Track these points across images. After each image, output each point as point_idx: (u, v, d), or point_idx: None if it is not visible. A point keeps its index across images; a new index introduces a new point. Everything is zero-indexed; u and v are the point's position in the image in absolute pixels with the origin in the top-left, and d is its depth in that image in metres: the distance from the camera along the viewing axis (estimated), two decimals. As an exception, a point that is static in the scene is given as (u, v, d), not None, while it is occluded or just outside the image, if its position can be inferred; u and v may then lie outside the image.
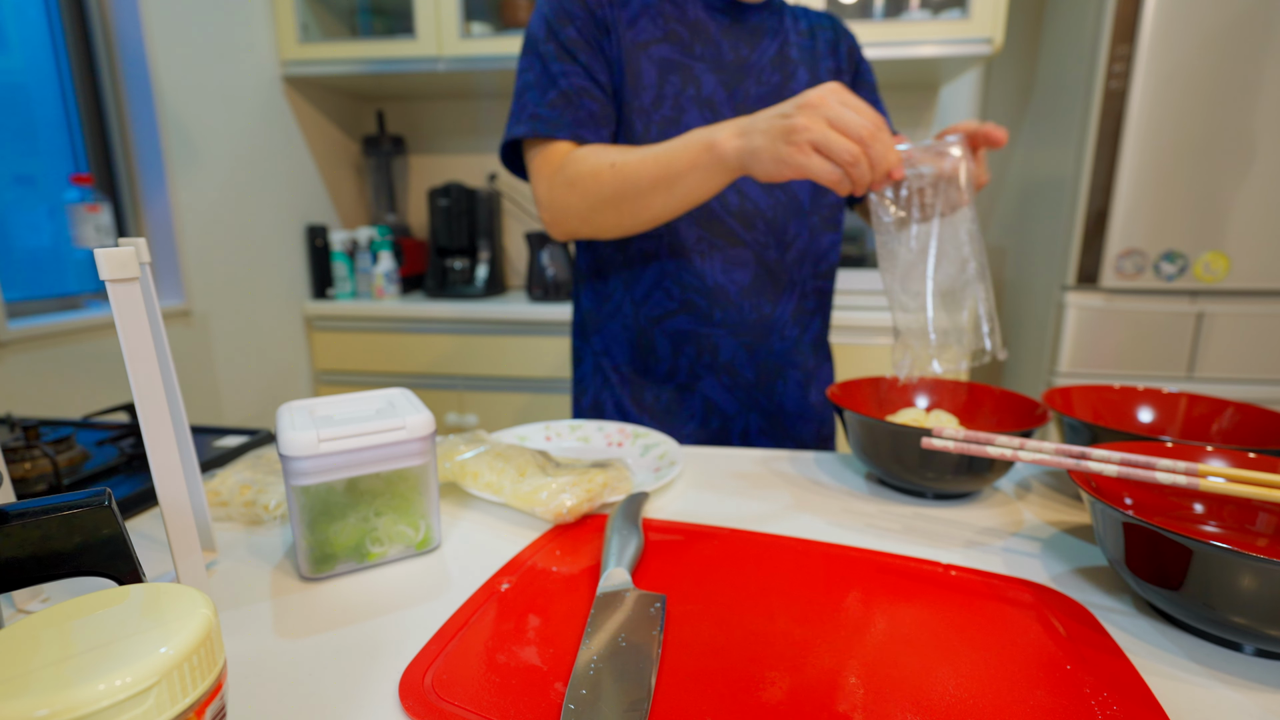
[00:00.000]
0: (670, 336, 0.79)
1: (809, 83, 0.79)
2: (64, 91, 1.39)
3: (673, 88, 0.75)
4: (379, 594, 0.40)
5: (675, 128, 0.75)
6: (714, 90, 0.76)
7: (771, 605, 0.37)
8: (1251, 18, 1.35)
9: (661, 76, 0.75)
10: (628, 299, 0.80)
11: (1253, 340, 1.49)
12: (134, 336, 0.34)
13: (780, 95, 0.77)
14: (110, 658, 0.20)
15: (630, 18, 0.75)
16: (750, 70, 0.77)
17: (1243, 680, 0.33)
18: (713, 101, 0.76)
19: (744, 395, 0.81)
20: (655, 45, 0.75)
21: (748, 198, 0.77)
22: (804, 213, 0.79)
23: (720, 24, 0.76)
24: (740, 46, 0.77)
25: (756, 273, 0.78)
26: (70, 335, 1.26)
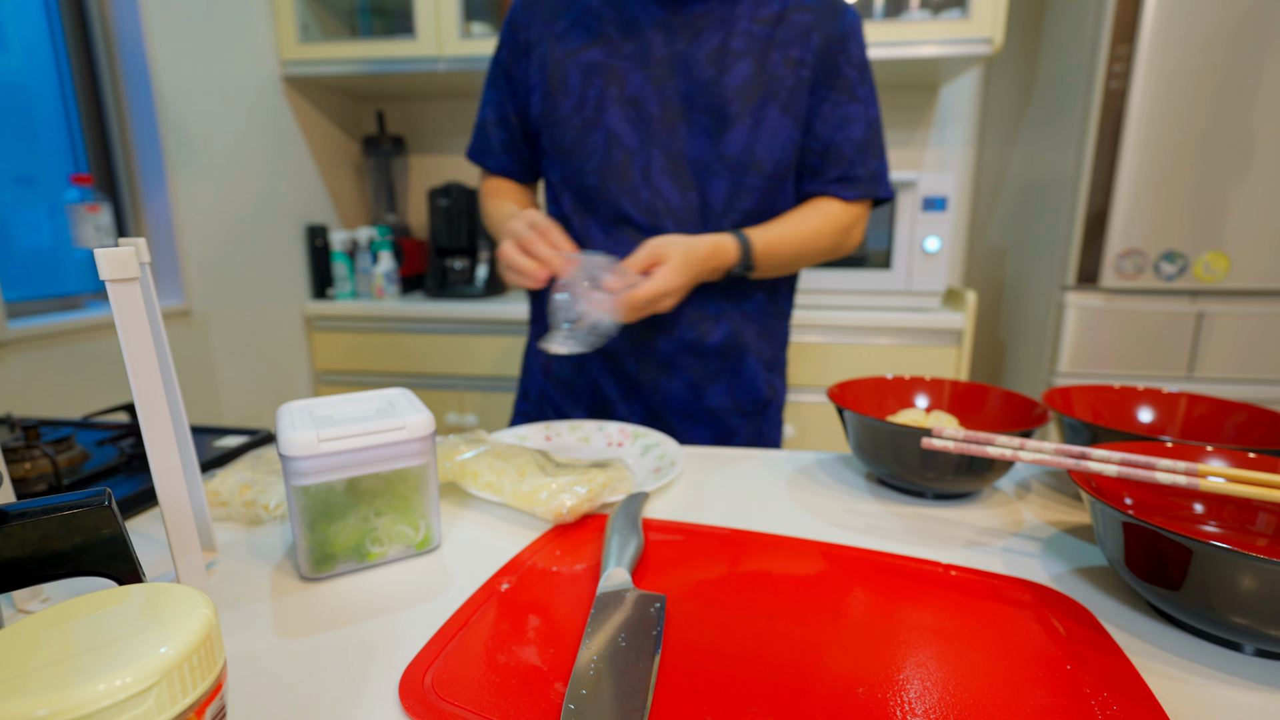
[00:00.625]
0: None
1: (750, 75, 0.74)
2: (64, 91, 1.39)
3: (595, 90, 0.75)
4: (379, 594, 0.40)
5: (596, 129, 0.76)
6: (639, 88, 0.75)
7: (771, 605, 0.37)
8: (1251, 18, 1.35)
9: (585, 80, 0.76)
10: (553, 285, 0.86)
11: (1253, 340, 1.49)
12: (134, 336, 0.34)
13: (711, 91, 0.74)
14: (110, 658, 0.20)
15: (564, 29, 0.77)
16: (683, 65, 0.75)
17: (1243, 680, 0.33)
18: (637, 99, 0.75)
19: (626, 385, 0.83)
20: (585, 51, 0.76)
21: (660, 195, 0.76)
22: (714, 216, 0.77)
23: (655, 18, 0.75)
24: (676, 40, 0.75)
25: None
26: (70, 335, 1.26)
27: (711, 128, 0.75)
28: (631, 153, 0.75)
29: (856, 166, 0.78)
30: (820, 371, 1.58)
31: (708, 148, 0.75)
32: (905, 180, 1.54)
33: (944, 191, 1.54)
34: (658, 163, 0.75)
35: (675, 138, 0.75)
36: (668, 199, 0.76)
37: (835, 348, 1.57)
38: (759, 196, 0.78)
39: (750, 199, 0.78)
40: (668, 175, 0.76)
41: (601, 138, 0.76)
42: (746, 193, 0.77)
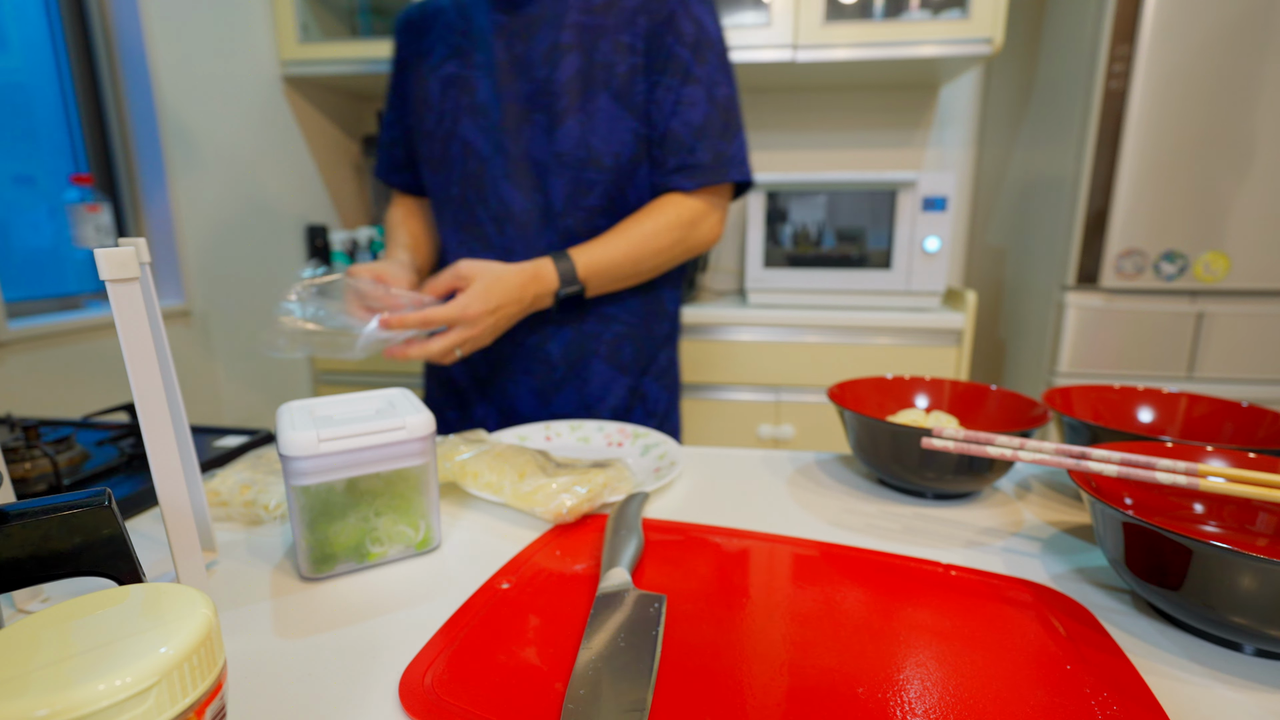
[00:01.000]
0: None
1: (579, 69, 0.72)
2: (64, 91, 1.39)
3: (451, 102, 0.77)
4: (379, 594, 0.40)
5: (454, 140, 0.77)
6: (487, 96, 0.75)
7: (771, 605, 0.37)
8: (1251, 18, 1.35)
9: (443, 93, 0.77)
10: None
11: (1253, 340, 1.49)
12: (134, 336, 0.34)
13: (546, 91, 0.73)
14: (110, 658, 0.20)
15: (428, 46, 0.79)
16: (521, 68, 0.74)
17: (1243, 680, 0.33)
18: (485, 107, 0.76)
19: (479, 389, 0.85)
20: (444, 65, 0.78)
21: (503, 201, 0.77)
22: (556, 215, 0.76)
23: (497, 23, 0.74)
24: (514, 43, 0.74)
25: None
26: (70, 335, 1.26)
27: (547, 125, 0.74)
28: (484, 161, 0.76)
29: (697, 153, 0.74)
30: (820, 371, 1.58)
31: (544, 145, 0.75)
32: (905, 180, 1.55)
33: (944, 191, 1.54)
34: (502, 168, 0.76)
35: (519, 141, 0.75)
36: (510, 204, 0.76)
37: (835, 348, 1.57)
38: (602, 192, 0.75)
39: (593, 195, 0.75)
40: (511, 180, 0.76)
41: (459, 149, 0.77)
42: (587, 189, 0.75)
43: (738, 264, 2.05)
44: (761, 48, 1.59)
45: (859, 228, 1.60)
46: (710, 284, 2.08)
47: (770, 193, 1.61)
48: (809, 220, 1.62)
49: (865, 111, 1.93)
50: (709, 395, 1.63)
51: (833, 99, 1.93)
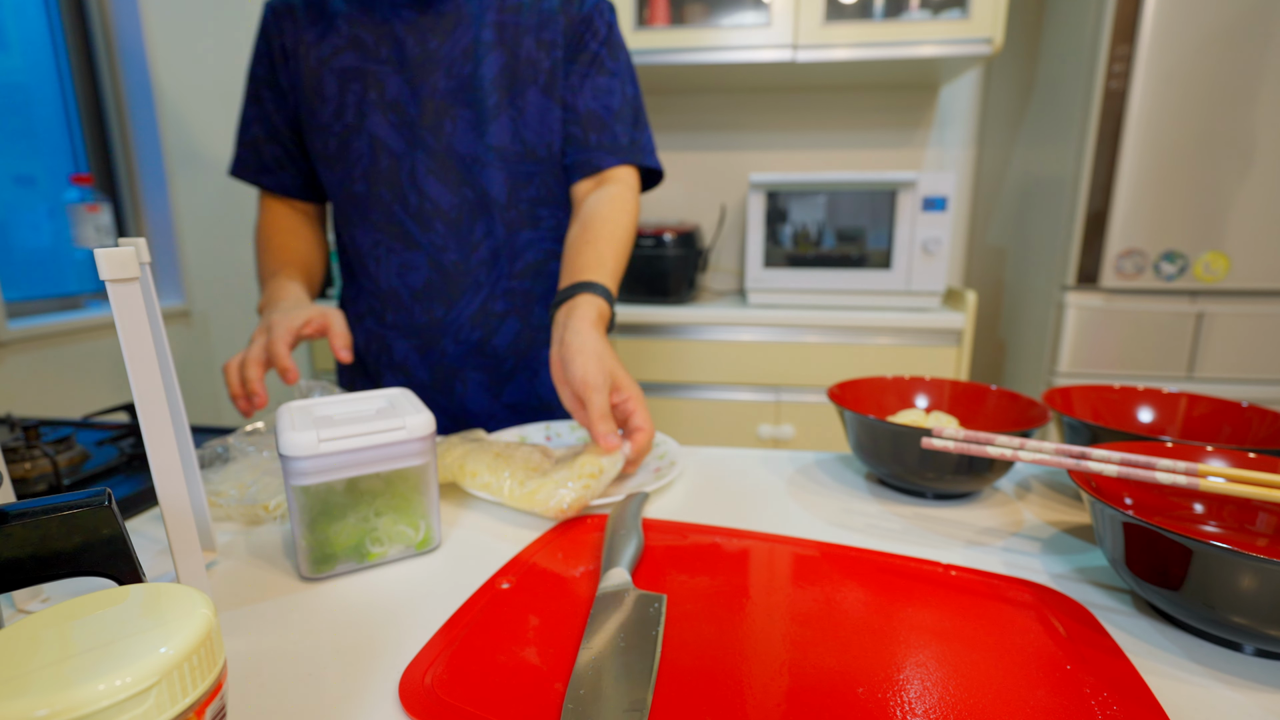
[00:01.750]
0: (364, 334, 0.82)
1: (504, 66, 0.74)
2: (64, 91, 1.39)
3: (354, 95, 0.74)
4: (379, 594, 0.40)
5: (359, 135, 0.75)
6: (399, 91, 0.74)
7: (771, 605, 0.37)
8: (1251, 18, 1.35)
9: (343, 86, 0.74)
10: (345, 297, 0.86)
11: (1253, 340, 1.49)
12: (134, 336, 0.34)
13: (470, 87, 0.74)
14: (110, 658, 0.20)
15: (318, 35, 0.75)
16: (439, 63, 0.74)
17: (1243, 680, 0.33)
18: (398, 103, 0.74)
19: (422, 394, 0.82)
20: (339, 56, 0.74)
21: (428, 197, 0.75)
22: (498, 208, 0.76)
23: (406, 20, 0.74)
24: (428, 39, 0.74)
25: (430, 277, 0.77)
26: (70, 335, 1.26)
27: (475, 120, 0.74)
28: (398, 157, 0.75)
29: (616, 134, 0.77)
30: (820, 371, 1.58)
31: (474, 140, 0.75)
32: (905, 180, 1.55)
33: (944, 191, 1.54)
34: (423, 164, 0.75)
35: (440, 136, 0.74)
36: (436, 200, 0.76)
37: (835, 348, 1.57)
38: (540, 182, 0.78)
39: (532, 186, 0.78)
40: (434, 175, 0.75)
41: (365, 144, 0.75)
42: (526, 181, 0.77)
43: (738, 264, 2.05)
44: (761, 48, 1.59)
45: (859, 228, 1.60)
46: (710, 284, 2.08)
47: (770, 193, 1.61)
48: (809, 220, 1.62)
49: (865, 111, 1.93)
50: (709, 395, 1.63)
51: (833, 99, 1.93)
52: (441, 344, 0.79)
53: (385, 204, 0.76)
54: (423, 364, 0.81)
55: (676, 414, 1.64)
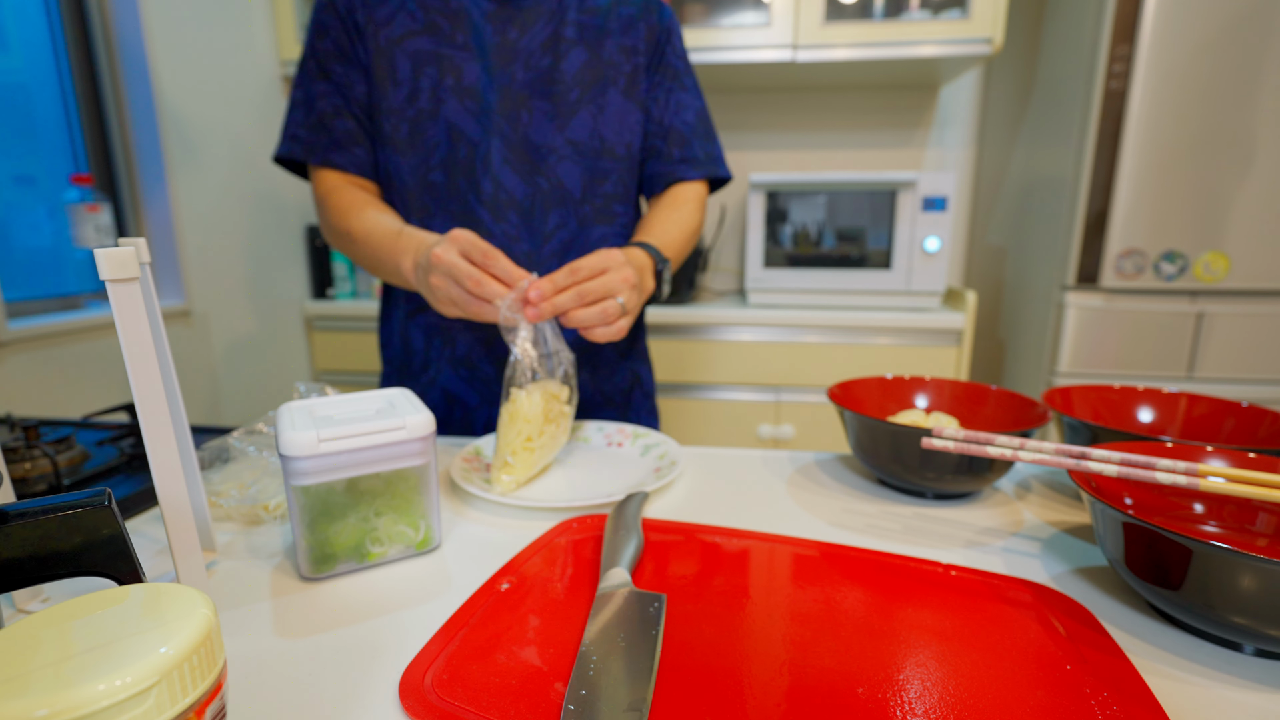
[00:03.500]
0: (423, 330, 0.80)
1: (586, 62, 0.75)
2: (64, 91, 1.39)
3: (429, 80, 0.73)
4: (379, 594, 0.40)
5: (434, 121, 0.73)
6: (476, 78, 0.73)
7: (771, 605, 0.37)
8: (1251, 18, 1.35)
9: (416, 70, 0.73)
10: (399, 294, 0.82)
11: (1253, 340, 1.49)
12: (134, 336, 0.34)
13: (550, 79, 0.74)
14: (110, 658, 0.20)
15: (387, 15, 0.73)
16: (518, 54, 0.74)
17: (1243, 680, 0.33)
18: (475, 90, 0.73)
19: (483, 389, 0.80)
20: (412, 39, 0.73)
21: (502, 187, 0.75)
22: (572, 201, 0.77)
23: (484, 8, 0.74)
24: (507, 29, 0.74)
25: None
26: (70, 335, 1.26)
27: (553, 113, 0.75)
28: (474, 145, 0.74)
29: (695, 148, 0.81)
30: (820, 371, 1.58)
31: (551, 132, 0.75)
32: (905, 180, 1.55)
33: (944, 191, 1.54)
34: (499, 153, 0.74)
35: (516, 126, 0.75)
36: (510, 190, 0.75)
37: (835, 348, 1.58)
38: (617, 179, 0.79)
39: (609, 183, 0.79)
40: (509, 165, 0.75)
41: (442, 131, 0.74)
42: (603, 177, 0.78)
43: (738, 264, 2.05)
44: (761, 48, 1.59)
45: (859, 228, 1.60)
46: (710, 284, 2.08)
47: (770, 193, 1.61)
48: (809, 220, 1.62)
49: (865, 111, 1.93)
50: (709, 395, 1.63)
51: (833, 99, 1.93)
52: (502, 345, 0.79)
53: (460, 193, 0.76)
54: (488, 357, 0.79)
55: (677, 414, 1.64)
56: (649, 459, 0.62)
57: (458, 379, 0.80)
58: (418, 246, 0.64)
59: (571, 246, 0.78)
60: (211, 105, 1.55)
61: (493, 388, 0.80)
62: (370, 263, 0.72)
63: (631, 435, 0.66)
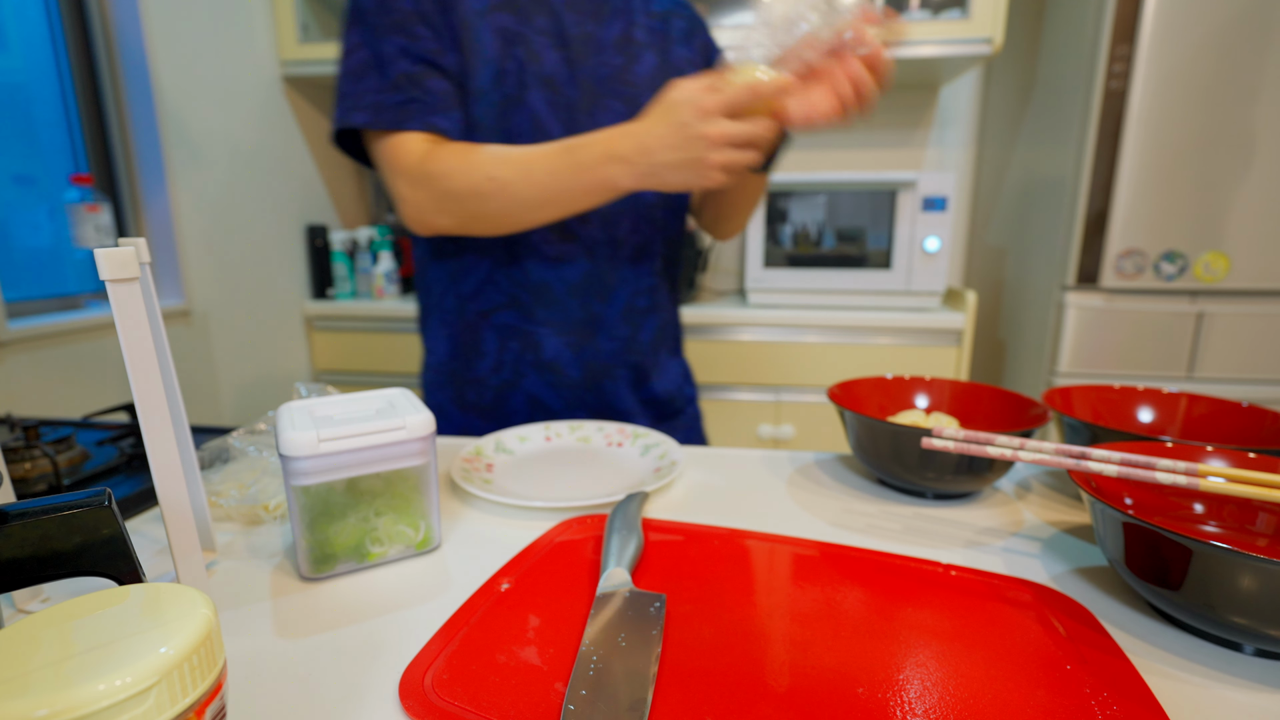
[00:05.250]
0: (497, 331, 0.76)
1: (657, 67, 0.74)
2: (64, 91, 1.39)
3: (515, 62, 0.68)
4: (379, 594, 0.40)
5: (519, 109, 0.69)
6: (556, 68, 0.70)
7: (771, 605, 0.37)
8: (1251, 18, 1.35)
9: (504, 49, 0.68)
10: (452, 293, 0.77)
11: (1253, 340, 1.49)
12: (134, 336, 0.34)
13: (623, 79, 0.73)
14: (110, 658, 0.20)
15: None
16: (595, 49, 0.71)
17: (1243, 680, 0.33)
18: (555, 81, 0.70)
19: (570, 394, 0.78)
20: (495, 13, 0.68)
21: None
22: (644, 205, 0.76)
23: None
24: (585, 21, 0.71)
25: (587, 270, 0.75)
26: (70, 335, 1.26)
27: (625, 114, 0.73)
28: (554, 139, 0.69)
29: None
30: (820, 371, 1.58)
31: None
32: (905, 180, 1.55)
33: (944, 191, 1.54)
34: None
35: (590, 122, 0.72)
36: None
37: (835, 348, 1.58)
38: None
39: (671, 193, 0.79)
40: None
41: (526, 121, 0.69)
42: None
43: (738, 264, 2.05)
44: (761, 48, 1.59)
45: (859, 228, 1.60)
46: (710, 284, 2.08)
47: (770, 192, 1.61)
48: (809, 220, 1.62)
49: (865, 111, 1.93)
50: (709, 395, 1.63)
51: (833, 99, 1.93)
52: (595, 341, 0.77)
53: None
54: (575, 362, 0.76)
55: (676, 414, 1.64)
56: (649, 459, 0.62)
57: (543, 384, 0.77)
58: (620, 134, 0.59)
59: (644, 250, 0.78)
60: (211, 105, 1.55)
61: (577, 392, 0.78)
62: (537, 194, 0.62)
63: (631, 435, 0.66)
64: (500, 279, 0.75)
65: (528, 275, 0.74)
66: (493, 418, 0.78)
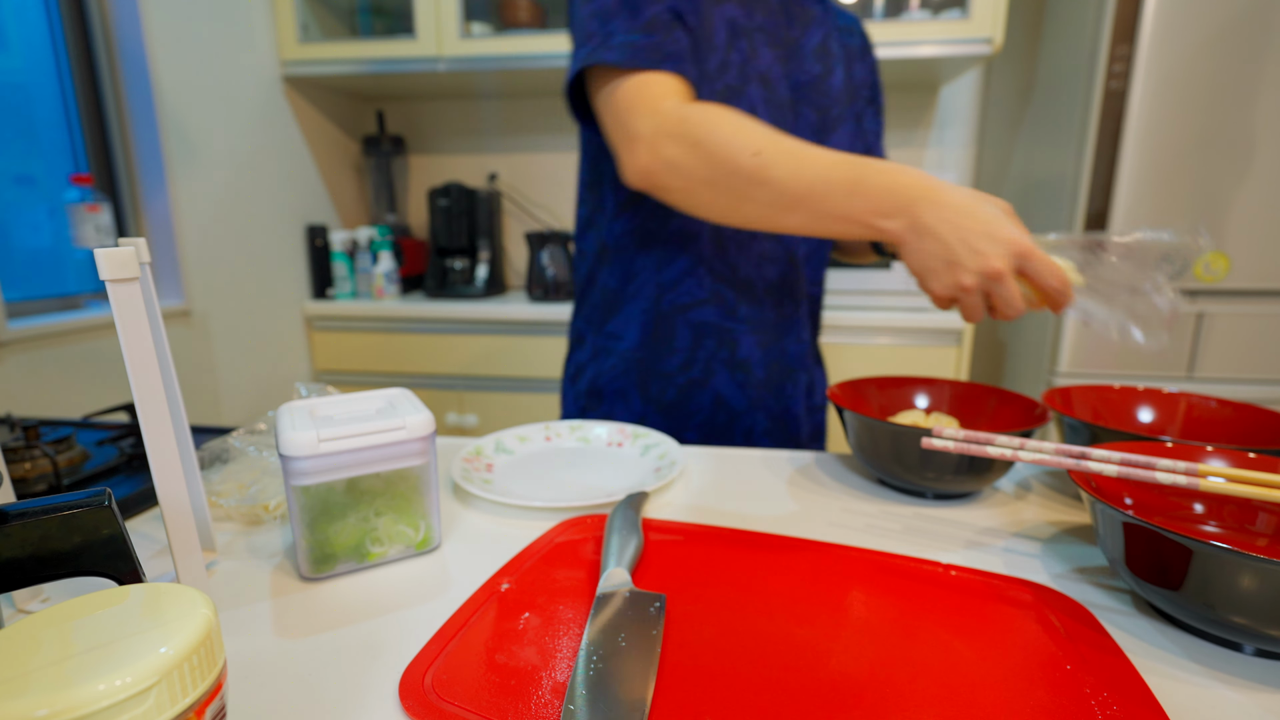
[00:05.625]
0: (693, 328, 0.74)
1: (844, 81, 0.75)
2: (64, 91, 1.39)
3: (739, 55, 0.67)
4: (379, 594, 0.40)
5: (740, 100, 0.67)
6: (770, 66, 0.69)
7: (771, 605, 0.37)
8: (1251, 18, 1.35)
9: (730, 40, 0.67)
10: (653, 281, 0.74)
11: (1253, 340, 1.49)
12: (134, 336, 0.34)
13: (819, 88, 0.73)
14: (110, 658, 0.20)
15: None
16: (799, 53, 0.71)
17: (1243, 680, 0.33)
18: (769, 79, 0.69)
19: (754, 394, 0.76)
20: (726, 3, 0.67)
21: None
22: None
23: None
24: (793, 25, 0.71)
25: (785, 271, 0.75)
26: (70, 335, 1.26)
27: (818, 126, 0.73)
28: None
29: None
30: (820, 371, 1.58)
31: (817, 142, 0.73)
32: (905, 180, 1.54)
33: (944, 191, 1.54)
34: None
35: (794, 129, 0.72)
36: None
37: (835, 348, 1.57)
38: None
39: None
40: None
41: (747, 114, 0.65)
42: None
43: (738, 264, 2.05)
44: (761, 48, 1.59)
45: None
46: (710, 284, 2.08)
47: (770, 193, 1.61)
48: (809, 220, 1.62)
49: (865, 111, 1.92)
50: (709, 395, 1.63)
51: (833, 99, 1.93)
52: (783, 342, 0.77)
53: None
54: (764, 362, 0.76)
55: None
56: (649, 459, 0.62)
57: (732, 383, 0.75)
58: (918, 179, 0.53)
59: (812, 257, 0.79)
60: (211, 105, 1.55)
61: (761, 393, 0.76)
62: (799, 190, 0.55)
63: (631, 435, 0.66)
64: (703, 274, 0.72)
65: (735, 272, 0.73)
66: (674, 415, 0.76)
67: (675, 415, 0.77)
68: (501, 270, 2.00)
